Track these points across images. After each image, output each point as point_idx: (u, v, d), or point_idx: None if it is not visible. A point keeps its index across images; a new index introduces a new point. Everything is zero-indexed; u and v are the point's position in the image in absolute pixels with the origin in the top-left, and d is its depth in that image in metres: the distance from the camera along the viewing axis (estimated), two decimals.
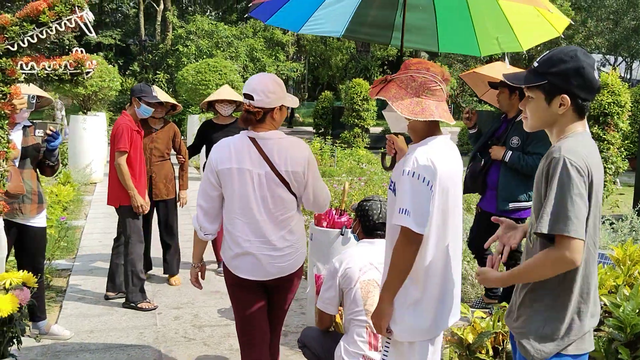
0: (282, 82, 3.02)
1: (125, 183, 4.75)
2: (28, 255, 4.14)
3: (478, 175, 4.71)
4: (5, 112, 2.85)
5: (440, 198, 2.38)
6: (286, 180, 2.89)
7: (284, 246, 2.96)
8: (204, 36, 20.91)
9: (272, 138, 2.90)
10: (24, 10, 2.81)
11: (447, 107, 2.45)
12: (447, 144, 2.50)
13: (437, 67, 2.45)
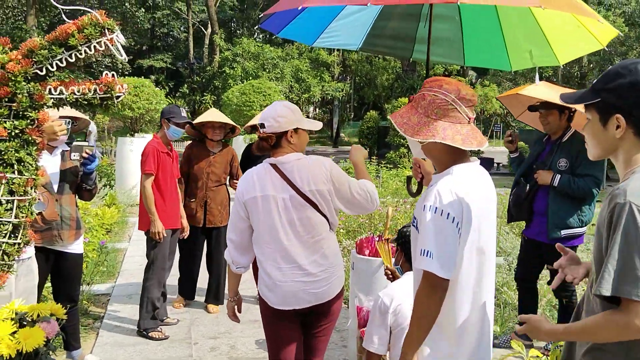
0: (295, 107, 2.96)
1: (147, 206, 4.66)
2: (64, 283, 4.05)
3: (523, 202, 4.42)
4: (33, 139, 2.75)
5: (469, 236, 2.08)
6: (312, 200, 2.79)
7: (317, 271, 2.83)
8: (250, 58, 21.10)
9: (290, 161, 2.85)
10: (53, 34, 2.72)
11: (470, 131, 2.12)
12: (477, 172, 2.20)
13: (453, 83, 2.15)
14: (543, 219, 4.33)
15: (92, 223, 7.83)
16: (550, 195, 4.27)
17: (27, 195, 2.79)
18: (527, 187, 4.41)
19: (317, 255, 2.83)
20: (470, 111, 2.13)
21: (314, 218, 2.82)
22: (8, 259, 2.77)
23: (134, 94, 11.42)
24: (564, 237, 4.23)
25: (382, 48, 4.85)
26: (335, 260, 2.90)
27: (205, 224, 5.26)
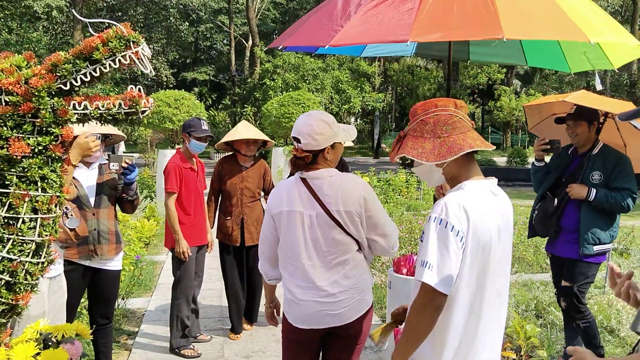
0: (331, 118, 2.80)
1: (171, 226, 4.57)
2: (99, 301, 3.98)
3: (551, 218, 4.15)
4: (57, 155, 2.68)
5: (475, 254, 2.00)
6: (338, 220, 2.66)
7: (337, 292, 2.71)
8: (290, 69, 21.13)
9: (322, 177, 2.73)
10: (77, 48, 2.65)
11: (477, 135, 2.13)
12: (491, 189, 2.12)
13: (444, 100, 2.15)
14: (572, 236, 4.08)
15: (131, 236, 7.86)
16: (583, 210, 4.03)
17: (51, 213, 2.72)
18: (554, 201, 4.14)
19: (338, 276, 2.72)
20: (467, 119, 2.14)
21: (340, 238, 2.70)
22: (31, 278, 2.69)
23: (174, 107, 11.49)
24: (596, 253, 4.01)
25: (437, 52, 4.62)
26: (359, 283, 2.76)
27: (243, 242, 5.04)
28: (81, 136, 3.41)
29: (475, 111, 43.62)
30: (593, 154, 4.07)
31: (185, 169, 4.68)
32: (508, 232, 2.14)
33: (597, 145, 4.10)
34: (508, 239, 2.14)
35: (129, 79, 28.21)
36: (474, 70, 30.54)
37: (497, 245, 2.05)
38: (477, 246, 2.00)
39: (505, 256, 2.13)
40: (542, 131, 4.74)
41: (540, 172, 4.35)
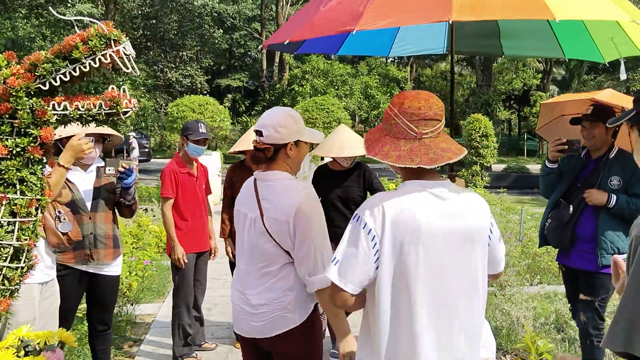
0: (298, 116, 2.64)
1: (167, 231, 4.48)
2: (97, 306, 3.92)
3: (566, 226, 3.86)
4: (36, 157, 2.60)
5: (394, 256, 1.91)
6: (267, 228, 2.50)
7: (257, 303, 2.56)
8: (319, 75, 21.07)
9: (270, 180, 2.57)
10: (57, 46, 2.57)
11: (416, 147, 1.93)
12: (435, 191, 1.95)
13: (403, 96, 2.02)
14: (588, 245, 3.79)
15: (149, 240, 7.84)
16: (601, 218, 3.74)
17: (30, 217, 2.64)
18: (570, 208, 3.87)
19: (262, 287, 2.56)
20: (418, 125, 1.93)
21: (268, 248, 2.53)
22: (9, 283, 2.62)
23: (199, 112, 11.51)
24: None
25: (469, 48, 4.37)
26: (282, 298, 2.52)
27: None
28: (74, 138, 3.34)
29: (510, 117, 42.91)
30: (610, 157, 3.82)
31: (183, 173, 4.57)
32: (466, 241, 1.95)
33: (614, 148, 3.85)
34: (466, 248, 1.95)
35: (163, 85, 28.57)
36: (509, 76, 30.02)
37: (438, 252, 1.91)
38: (396, 248, 1.90)
39: (460, 268, 1.95)
40: (548, 133, 4.47)
41: (553, 174, 4.06)
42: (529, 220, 10.17)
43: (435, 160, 1.89)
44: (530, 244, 7.80)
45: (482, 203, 2.05)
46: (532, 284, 6.15)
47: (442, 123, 1.98)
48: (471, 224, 1.96)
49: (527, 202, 16.34)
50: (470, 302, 1.98)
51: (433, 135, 1.95)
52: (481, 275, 2.00)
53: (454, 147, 1.97)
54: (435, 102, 1.97)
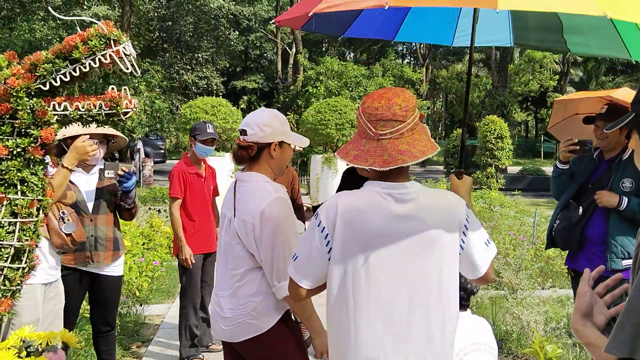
0: (284, 118, 2.62)
1: (174, 232, 4.47)
2: (99, 306, 3.91)
3: (574, 228, 3.76)
4: (37, 157, 2.60)
5: (346, 255, 1.90)
6: (236, 230, 2.48)
7: (225, 307, 2.54)
8: (333, 77, 21.04)
9: (247, 181, 2.55)
10: (57, 46, 2.57)
11: (375, 148, 1.88)
12: (393, 192, 1.90)
13: (371, 95, 1.99)
14: (597, 248, 3.69)
15: (160, 240, 7.86)
16: (612, 221, 3.63)
17: (31, 218, 2.64)
18: (579, 210, 3.77)
19: (229, 291, 2.53)
20: (376, 126, 1.88)
21: (236, 249, 2.50)
22: (10, 284, 2.62)
23: (211, 114, 11.53)
24: (625, 268, 3.58)
25: (534, 42, 4.09)
26: (247, 304, 2.47)
27: None
28: (78, 140, 3.34)
29: (527, 119, 42.54)
30: (624, 159, 3.73)
31: (191, 174, 4.58)
32: (422, 244, 1.89)
33: (628, 150, 3.75)
34: (421, 252, 1.89)
35: (178, 87, 28.72)
36: (525, 77, 29.77)
37: (389, 254, 1.87)
38: (346, 247, 1.90)
39: (414, 272, 1.89)
40: (560, 131, 4.37)
41: (564, 175, 3.95)
42: (542, 223, 10.05)
43: (388, 162, 1.84)
44: (543, 247, 7.69)
45: (453, 207, 1.95)
46: (544, 288, 6.06)
47: (406, 124, 1.90)
48: (430, 228, 1.89)
49: (542, 204, 16.17)
50: (425, 307, 1.90)
51: (393, 136, 1.88)
52: (439, 281, 1.91)
53: (416, 150, 1.88)
54: (398, 103, 1.90)
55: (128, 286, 5.54)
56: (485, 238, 2.01)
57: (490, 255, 2.02)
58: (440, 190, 2.05)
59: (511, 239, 7.85)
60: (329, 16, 3.38)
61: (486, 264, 2.01)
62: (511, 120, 26.98)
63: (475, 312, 5.64)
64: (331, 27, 3.76)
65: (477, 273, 2.01)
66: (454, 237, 1.93)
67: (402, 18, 3.66)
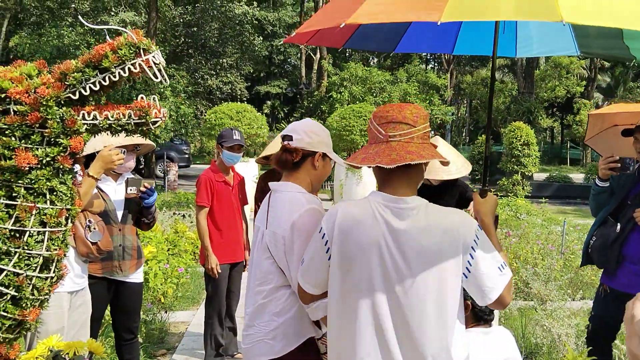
0: (328, 132, 2.56)
1: (201, 241, 4.44)
2: (123, 314, 3.91)
3: (612, 245, 3.62)
4: (66, 167, 2.59)
5: (343, 262, 1.91)
6: (267, 243, 2.39)
7: (248, 324, 2.46)
8: (357, 82, 20.98)
9: (281, 191, 2.45)
10: (87, 55, 2.56)
11: (383, 149, 1.88)
12: (392, 205, 1.87)
13: (388, 106, 1.97)
14: (636, 267, 3.55)
15: (185, 246, 7.87)
16: None
17: (60, 227, 2.63)
18: (617, 226, 3.64)
19: (253, 307, 2.44)
20: (386, 128, 1.89)
21: (265, 264, 2.39)
22: (39, 293, 2.61)
23: (236, 119, 11.55)
24: None
25: (597, 49, 3.87)
26: (270, 322, 2.36)
27: None
28: (105, 149, 3.33)
29: (553, 125, 41.98)
30: None
31: (219, 182, 4.55)
32: (418, 262, 1.83)
33: None
34: (416, 270, 1.83)
35: (203, 92, 28.90)
36: (552, 83, 29.38)
37: (383, 267, 1.85)
38: (342, 255, 1.91)
39: (407, 289, 1.83)
40: (598, 144, 4.24)
41: (604, 193, 3.81)
42: (571, 232, 9.87)
43: (395, 160, 1.81)
44: (573, 257, 7.54)
45: (457, 227, 1.86)
46: (574, 299, 5.93)
47: (416, 129, 1.89)
48: (426, 247, 1.82)
49: (570, 212, 15.90)
50: (420, 330, 1.84)
51: (403, 139, 1.87)
52: (437, 304, 1.83)
53: (425, 153, 1.86)
54: (410, 109, 1.92)
55: (153, 292, 5.54)
56: (498, 262, 1.90)
57: (504, 281, 1.89)
58: (448, 209, 1.95)
59: (539, 249, 7.70)
60: (368, 31, 3.32)
61: (497, 289, 1.88)
62: (537, 126, 26.64)
63: (503, 323, 5.53)
64: (375, 42, 3.64)
65: (485, 299, 1.89)
66: (456, 259, 1.84)
67: (457, 31, 3.54)
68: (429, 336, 1.83)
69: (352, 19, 2.18)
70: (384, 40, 3.54)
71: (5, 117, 2.49)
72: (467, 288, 1.89)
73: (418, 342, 1.83)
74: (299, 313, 2.35)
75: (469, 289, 1.89)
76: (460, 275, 1.86)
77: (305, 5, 33.75)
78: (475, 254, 1.85)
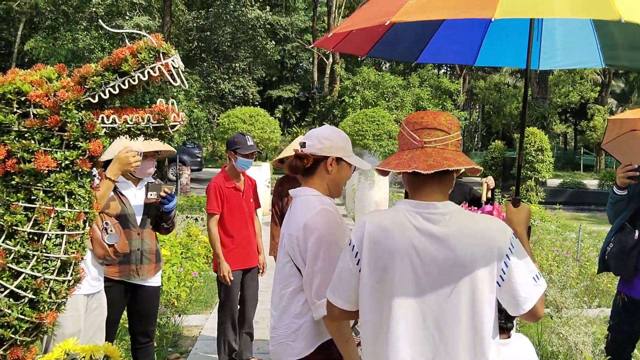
0: (347, 136, 2.55)
1: (212, 248, 4.43)
2: (139, 317, 3.91)
3: (630, 252, 3.58)
4: (85, 170, 2.59)
5: (374, 274, 1.86)
6: (285, 245, 2.43)
7: (273, 326, 2.50)
8: (369, 87, 20.97)
9: (299, 195, 2.50)
10: (106, 59, 2.56)
11: (418, 155, 1.84)
12: (424, 213, 1.84)
13: (422, 112, 1.94)
14: None
15: (198, 250, 7.88)
16: None
17: (78, 230, 2.63)
18: (635, 233, 3.59)
19: (278, 311, 2.49)
20: (421, 134, 1.86)
21: (287, 268, 2.44)
22: (56, 297, 2.61)
23: (249, 123, 11.57)
24: None
25: (624, 61, 3.73)
26: (291, 325, 2.41)
27: None
28: (122, 151, 3.34)
29: (566, 131, 41.72)
30: None
31: (229, 188, 4.50)
32: (450, 269, 1.80)
33: None
34: (447, 277, 1.80)
35: (216, 96, 29.00)
36: (565, 89, 29.23)
37: (414, 274, 1.82)
38: (372, 266, 1.87)
39: (438, 296, 1.80)
40: (614, 148, 4.18)
41: (622, 201, 3.75)
42: (586, 238, 9.77)
43: (432, 166, 1.78)
44: (589, 264, 7.46)
45: (492, 234, 1.82)
46: (590, 307, 5.86)
47: (451, 136, 1.88)
48: (460, 254, 1.79)
49: (584, 219, 15.76)
50: (454, 338, 1.81)
51: (438, 145, 1.85)
52: (470, 313, 1.80)
53: (461, 159, 1.84)
54: (444, 116, 1.90)
55: (167, 296, 5.54)
56: (534, 273, 1.86)
57: (538, 292, 1.85)
58: (482, 215, 1.94)
59: (554, 255, 7.63)
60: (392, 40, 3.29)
61: (532, 300, 1.83)
62: (551, 132, 26.49)
63: (519, 330, 5.48)
64: (398, 51, 3.59)
65: (519, 309, 1.85)
66: (490, 266, 1.80)
67: (480, 42, 3.49)
68: (463, 345, 1.80)
69: (398, 17, 2.12)
70: (407, 49, 3.52)
71: (25, 120, 2.49)
72: (500, 297, 1.84)
73: (452, 352, 1.80)
74: None
75: (502, 298, 1.85)
76: (495, 283, 1.82)
77: (317, 10, 33.78)
78: (510, 262, 1.81)
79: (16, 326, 2.49)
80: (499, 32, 3.41)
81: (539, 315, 1.88)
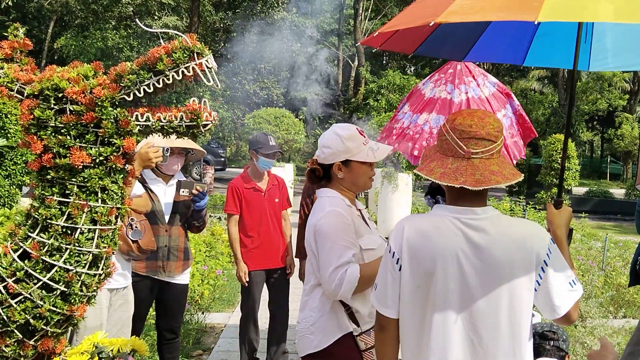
0: (352, 134, 2.53)
1: (231, 248, 4.45)
2: (166, 313, 3.96)
3: None
4: (118, 166, 2.64)
5: (416, 279, 1.86)
6: (306, 245, 2.58)
7: (297, 321, 2.63)
8: (394, 90, 20.91)
9: (321, 196, 2.61)
10: (142, 58, 2.60)
11: (464, 167, 1.80)
12: (464, 218, 1.84)
13: (459, 112, 1.90)
14: None
15: (222, 249, 7.94)
16: None
17: (110, 225, 2.68)
18: None
19: (301, 306, 2.63)
20: (468, 144, 1.81)
21: (309, 266, 2.58)
22: (87, 290, 2.65)
23: (274, 124, 11.64)
24: None
25: None
26: (309, 318, 2.55)
27: None
28: (143, 146, 3.38)
29: (593, 139, 41.15)
30: None
31: (247, 189, 4.48)
32: (490, 274, 1.81)
33: None
34: (488, 283, 1.81)
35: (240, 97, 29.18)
36: (593, 96, 28.83)
37: (456, 280, 1.81)
38: (414, 272, 1.86)
39: (479, 301, 1.81)
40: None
41: None
42: (612, 248, 9.63)
43: (481, 182, 1.77)
44: (615, 274, 7.35)
45: (530, 239, 1.83)
46: (615, 317, 5.78)
47: (496, 145, 1.84)
48: (499, 259, 1.80)
49: (610, 228, 15.53)
50: (494, 345, 1.82)
51: (484, 156, 1.82)
52: (509, 318, 1.81)
53: (507, 172, 1.82)
54: (491, 122, 1.84)
55: (190, 293, 5.60)
56: (570, 278, 1.87)
57: (574, 297, 1.86)
58: (520, 220, 1.93)
59: (579, 264, 7.54)
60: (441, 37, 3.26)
61: (567, 305, 1.85)
62: (577, 139, 26.15)
63: None
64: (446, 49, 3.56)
65: (554, 314, 1.86)
66: (528, 272, 1.82)
67: (530, 42, 3.43)
68: (502, 351, 1.81)
69: (443, 18, 2.12)
70: (455, 48, 3.50)
71: (62, 116, 2.54)
72: (536, 301, 1.86)
73: (491, 356, 1.81)
74: (334, 309, 2.50)
75: (538, 302, 1.86)
76: (532, 288, 1.83)
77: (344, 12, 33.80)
78: (547, 267, 1.82)
79: (48, 317, 2.54)
80: (548, 32, 3.37)
81: (573, 319, 1.89)
